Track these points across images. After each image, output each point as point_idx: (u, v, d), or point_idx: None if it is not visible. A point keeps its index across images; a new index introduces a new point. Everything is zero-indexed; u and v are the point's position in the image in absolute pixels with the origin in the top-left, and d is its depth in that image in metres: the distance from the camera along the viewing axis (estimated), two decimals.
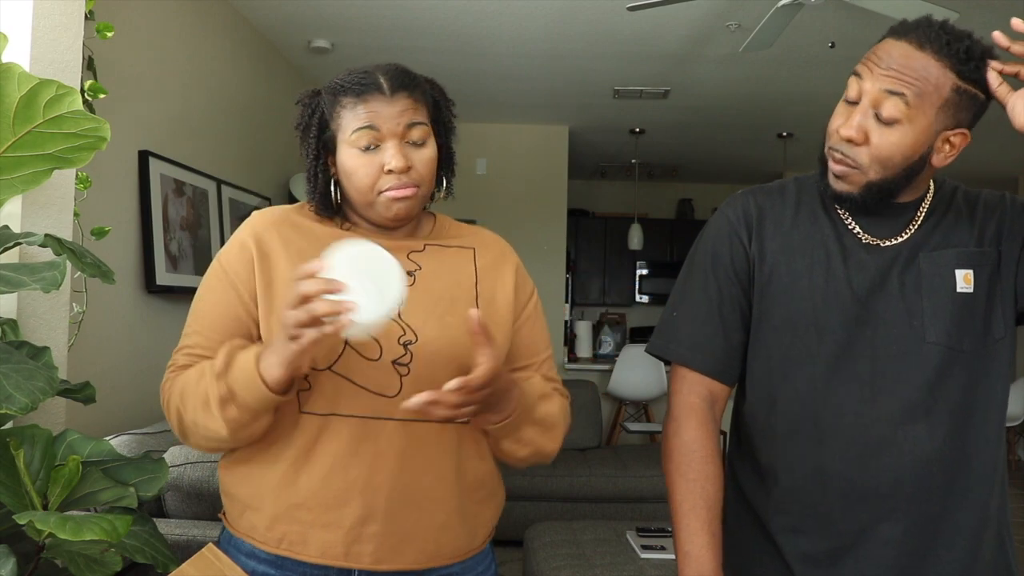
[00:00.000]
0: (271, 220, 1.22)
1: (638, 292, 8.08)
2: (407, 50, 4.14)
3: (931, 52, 1.13)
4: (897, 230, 1.23)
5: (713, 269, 1.27)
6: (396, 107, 1.14)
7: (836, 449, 1.20)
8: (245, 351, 1.09)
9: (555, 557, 2.78)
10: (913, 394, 1.18)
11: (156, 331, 2.93)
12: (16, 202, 1.38)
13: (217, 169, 3.44)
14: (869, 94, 1.14)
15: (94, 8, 1.84)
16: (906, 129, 1.13)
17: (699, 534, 1.19)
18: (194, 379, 1.12)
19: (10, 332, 1.31)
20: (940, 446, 1.18)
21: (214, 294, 1.18)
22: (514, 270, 1.29)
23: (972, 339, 1.19)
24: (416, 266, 1.21)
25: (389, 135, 1.14)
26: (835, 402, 1.20)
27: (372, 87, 1.14)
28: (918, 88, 1.12)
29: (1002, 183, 7.33)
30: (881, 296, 1.20)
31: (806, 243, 1.24)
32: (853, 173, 1.17)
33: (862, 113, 1.14)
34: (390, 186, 1.15)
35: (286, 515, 1.14)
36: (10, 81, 1.12)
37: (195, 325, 1.19)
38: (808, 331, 1.21)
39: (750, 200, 1.29)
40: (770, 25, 3.18)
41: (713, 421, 1.26)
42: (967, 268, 1.21)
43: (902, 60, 1.13)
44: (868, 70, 1.15)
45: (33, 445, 1.20)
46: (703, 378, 1.26)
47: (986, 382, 1.21)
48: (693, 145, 6.59)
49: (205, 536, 1.97)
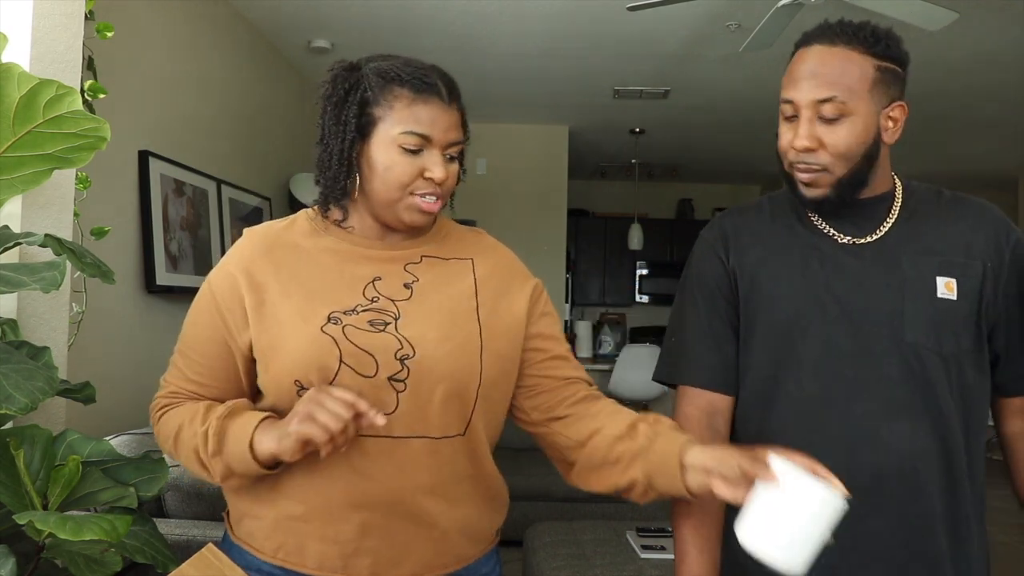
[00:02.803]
0: (262, 246, 1.19)
1: (638, 292, 8.08)
2: (407, 50, 4.11)
3: (843, 45, 1.18)
4: (871, 227, 1.26)
5: (699, 290, 1.33)
6: (450, 119, 1.14)
7: (823, 447, 1.20)
8: (243, 421, 1.08)
9: (555, 557, 2.78)
10: (896, 392, 1.21)
11: (156, 331, 2.93)
12: (16, 202, 1.38)
13: (217, 169, 3.44)
14: (805, 109, 1.19)
15: (94, 8, 1.84)
16: (852, 120, 1.18)
17: (694, 538, 1.25)
18: (187, 434, 1.12)
19: (10, 332, 1.31)
20: (923, 444, 1.20)
21: (200, 324, 1.18)
22: (520, 277, 1.26)
23: (952, 343, 1.21)
24: (413, 278, 1.19)
25: (437, 144, 1.13)
26: (821, 402, 1.23)
27: (433, 90, 1.13)
28: (844, 83, 1.17)
29: (1002, 183, 7.32)
30: (861, 296, 1.23)
31: (784, 251, 1.28)
32: (821, 176, 1.20)
33: (807, 122, 1.19)
34: (423, 193, 1.13)
35: (284, 526, 1.13)
36: (10, 81, 1.12)
37: (183, 352, 1.19)
38: (792, 334, 1.24)
39: (726, 221, 1.36)
40: (770, 25, 3.18)
41: (711, 431, 1.28)
42: (949, 276, 1.23)
43: (819, 65, 1.18)
44: (795, 90, 1.20)
45: (33, 445, 1.20)
46: (702, 392, 1.30)
47: (969, 386, 1.23)
48: (693, 145, 6.60)
49: (205, 536, 1.97)
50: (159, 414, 1.19)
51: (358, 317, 1.12)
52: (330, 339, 1.10)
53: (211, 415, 1.11)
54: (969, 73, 4.35)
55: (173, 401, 1.18)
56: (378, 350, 1.11)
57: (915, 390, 1.20)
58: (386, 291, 1.16)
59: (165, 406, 1.18)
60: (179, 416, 1.15)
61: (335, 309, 1.12)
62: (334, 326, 1.11)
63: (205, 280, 1.20)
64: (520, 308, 1.23)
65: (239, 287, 1.15)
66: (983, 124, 5.39)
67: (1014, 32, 3.70)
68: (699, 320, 1.32)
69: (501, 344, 1.19)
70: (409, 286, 1.17)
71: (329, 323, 1.11)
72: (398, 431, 1.10)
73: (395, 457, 1.11)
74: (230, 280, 1.16)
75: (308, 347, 1.10)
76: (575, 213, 7.69)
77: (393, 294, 1.16)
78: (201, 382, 1.17)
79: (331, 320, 1.11)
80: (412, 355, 1.12)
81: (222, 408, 1.11)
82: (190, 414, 1.13)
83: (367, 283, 1.16)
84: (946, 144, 6.00)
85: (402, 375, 1.11)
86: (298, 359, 1.10)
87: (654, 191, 8.37)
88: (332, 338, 1.10)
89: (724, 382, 1.30)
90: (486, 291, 1.21)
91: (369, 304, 1.14)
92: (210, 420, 1.10)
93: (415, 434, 1.11)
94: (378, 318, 1.13)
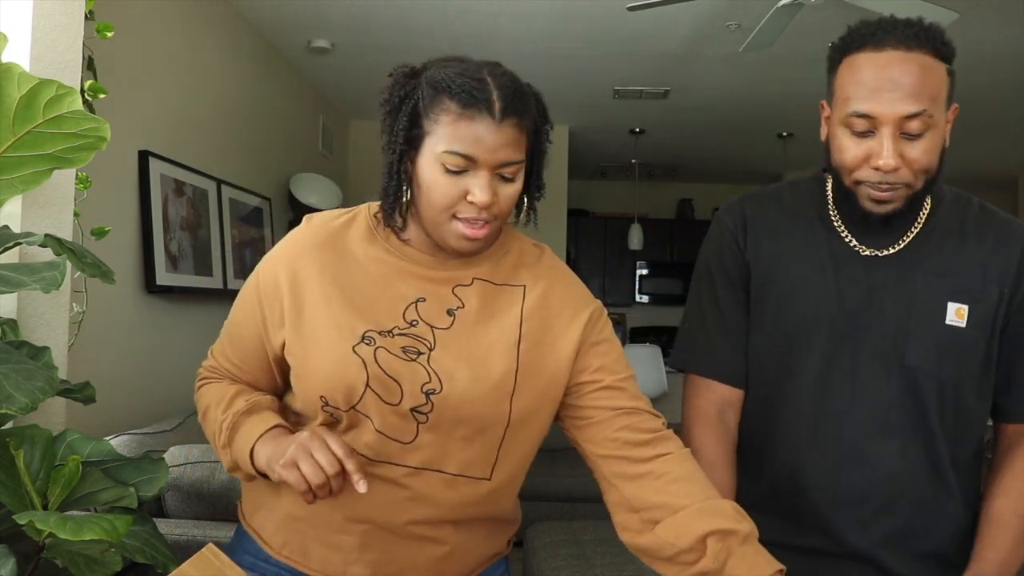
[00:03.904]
0: (315, 241, 1.13)
1: (638, 292, 8.07)
2: (407, 50, 4.14)
3: (919, 50, 1.09)
4: (892, 238, 1.21)
5: (714, 276, 1.29)
6: (500, 138, 1.02)
7: (812, 459, 1.22)
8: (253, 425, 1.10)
9: (555, 557, 2.78)
10: (890, 412, 1.19)
11: (156, 331, 2.93)
12: (16, 202, 1.38)
13: (217, 169, 3.44)
14: (888, 125, 1.10)
15: (94, 8, 1.84)
16: (934, 132, 1.11)
17: None
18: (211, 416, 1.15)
19: (10, 332, 1.31)
20: (912, 464, 1.19)
21: (245, 307, 1.17)
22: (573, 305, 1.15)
23: (954, 370, 1.18)
24: (459, 303, 1.11)
25: (483, 165, 1.03)
26: (815, 415, 1.22)
27: (482, 104, 1.01)
28: (929, 95, 1.09)
29: (1002, 183, 7.32)
30: (870, 312, 1.20)
31: (800, 253, 1.24)
32: (900, 192, 1.14)
33: (891, 139, 1.10)
34: (466, 217, 1.04)
35: (289, 525, 1.14)
36: (10, 81, 1.12)
37: (225, 336, 1.21)
38: (797, 342, 1.23)
39: (745, 206, 1.30)
40: (770, 25, 3.18)
41: (723, 426, 1.26)
42: (962, 303, 1.18)
43: (903, 75, 1.08)
44: (875, 102, 1.09)
45: (33, 445, 1.20)
46: (712, 383, 1.28)
47: (965, 411, 1.20)
48: (693, 145, 6.59)
49: (205, 536, 1.97)
50: (199, 383, 1.23)
51: (393, 341, 1.07)
52: (359, 361, 1.06)
53: (232, 407, 1.12)
54: (969, 73, 4.35)
55: (212, 376, 1.21)
56: (405, 379, 1.06)
57: (909, 411, 1.19)
58: (427, 316, 1.10)
59: (205, 378, 1.22)
60: (210, 395, 1.18)
61: (371, 328, 1.07)
62: (367, 347, 1.06)
63: (259, 263, 1.18)
64: (568, 343, 1.13)
65: (281, 285, 1.11)
66: (983, 124, 5.39)
67: (1014, 32, 3.70)
68: (713, 308, 1.28)
69: (540, 382, 1.11)
70: (452, 312, 1.10)
71: (362, 343, 1.06)
72: (413, 462, 1.08)
73: (406, 486, 1.08)
74: (274, 276, 1.13)
75: (336, 366, 1.06)
76: (575, 213, 7.69)
77: (433, 320, 1.10)
78: (238, 365, 1.19)
79: (365, 340, 1.07)
80: (438, 390, 1.06)
81: (243, 403, 1.12)
82: (218, 397, 1.16)
83: (409, 304, 1.10)
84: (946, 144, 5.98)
85: (425, 408, 1.07)
86: (325, 377, 1.07)
87: (654, 191, 8.37)
88: (362, 360, 1.06)
89: (736, 375, 1.28)
90: (532, 322, 1.12)
91: (407, 328, 1.09)
92: (228, 412, 1.11)
93: (431, 467, 1.08)
94: (412, 345, 1.08)
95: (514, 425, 1.10)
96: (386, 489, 1.08)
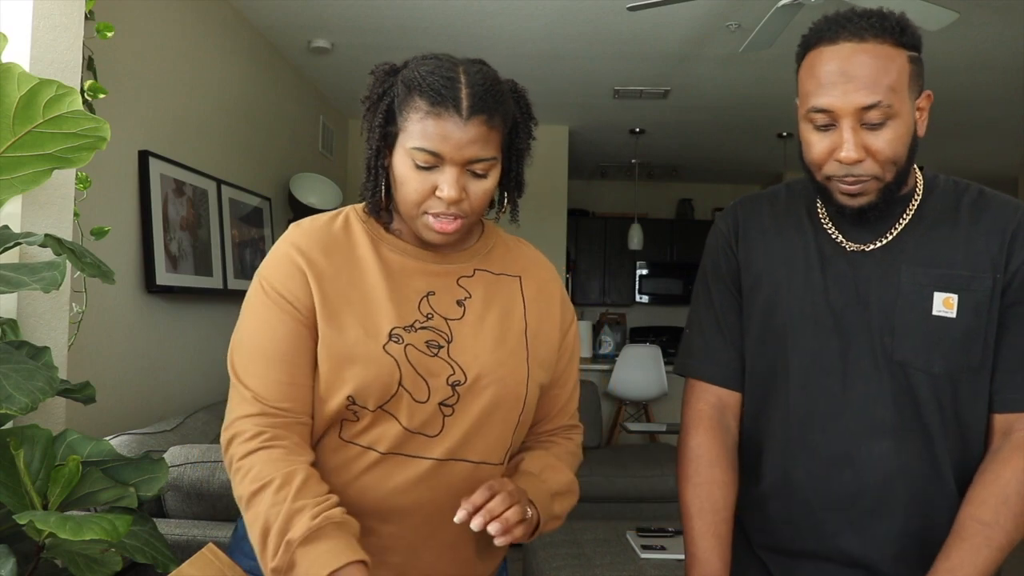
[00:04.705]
0: (318, 242, 1.12)
1: (638, 292, 8.07)
2: (407, 50, 4.11)
3: (874, 39, 1.07)
4: (880, 231, 1.19)
5: (712, 281, 1.31)
6: (467, 134, 1.04)
7: (802, 461, 1.21)
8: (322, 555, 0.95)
9: (555, 557, 2.78)
10: (880, 411, 1.16)
11: (156, 331, 2.93)
12: (16, 202, 1.38)
13: (217, 169, 3.44)
14: (847, 117, 1.09)
15: (94, 8, 1.84)
16: (896, 122, 1.09)
17: (705, 537, 1.21)
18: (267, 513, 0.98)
19: (10, 332, 1.31)
20: (907, 463, 1.16)
21: (269, 321, 1.07)
22: (560, 300, 1.25)
23: (946, 363, 1.14)
24: (466, 294, 1.15)
25: (450, 161, 1.05)
26: (805, 415, 1.20)
27: (449, 102, 1.03)
28: (886, 84, 1.07)
29: (1002, 183, 7.32)
30: (856, 309, 1.18)
31: (788, 254, 1.24)
32: (870, 184, 1.12)
33: (851, 131, 1.09)
34: (436, 212, 1.07)
35: None
36: (10, 81, 1.12)
37: (256, 363, 1.06)
38: (785, 343, 1.22)
39: (739, 210, 1.31)
40: (770, 25, 3.18)
41: (722, 427, 1.27)
42: (949, 292, 1.14)
43: (855, 66, 1.07)
44: (829, 96, 1.09)
45: (33, 445, 1.20)
46: (710, 386, 1.29)
47: (965, 406, 1.16)
48: (693, 145, 6.59)
49: (205, 536, 1.97)
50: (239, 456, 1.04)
51: (416, 335, 1.09)
52: (392, 361, 1.07)
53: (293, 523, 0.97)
54: (969, 72, 4.35)
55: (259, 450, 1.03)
56: (432, 375, 1.09)
57: (902, 409, 1.16)
58: (440, 308, 1.13)
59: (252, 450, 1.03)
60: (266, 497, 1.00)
61: (396, 324, 1.09)
62: (396, 345, 1.08)
63: (252, 284, 1.12)
64: (554, 339, 1.22)
65: (303, 271, 1.08)
66: (983, 124, 5.39)
67: (1014, 32, 3.70)
68: (712, 313, 1.29)
69: (541, 373, 1.18)
70: (462, 303, 1.14)
71: (391, 341, 1.08)
72: (439, 454, 1.09)
73: (432, 479, 1.10)
74: (290, 265, 1.09)
75: (369, 368, 1.06)
76: (575, 213, 7.68)
77: (446, 312, 1.13)
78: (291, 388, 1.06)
79: (392, 338, 1.08)
80: (463, 381, 1.10)
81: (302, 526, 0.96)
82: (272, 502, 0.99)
83: (422, 297, 1.13)
84: (945, 144, 6.00)
85: (451, 400, 1.09)
86: (359, 377, 1.06)
87: (654, 191, 8.37)
88: (394, 360, 1.07)
89: (733, 378, 1.28)
90: (533, 313, 1.20)
91: (425, 321, 1.11)
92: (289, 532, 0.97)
93: (456, 457, 1.10)
94: (433, 339, 1.10)
95: (527, 410, 1.15)
96: (411, 481, 1.09)
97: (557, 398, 1.25)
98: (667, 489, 4.06)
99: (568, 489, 1.19)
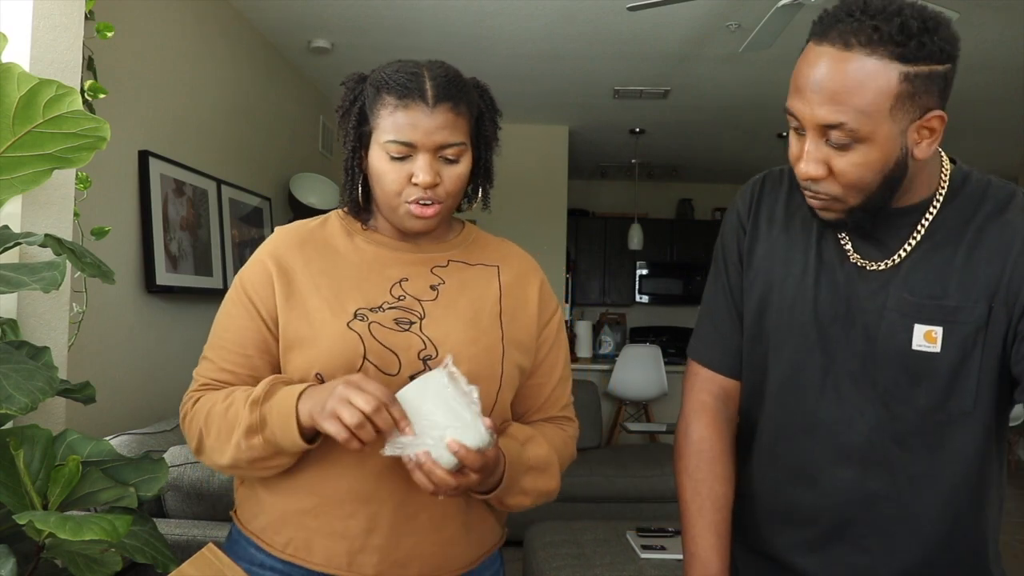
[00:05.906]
0: (294, 239, 1.21)
1: (638, 292, 8.08)
2: (407, 50, 4.14)
3: (860, 49, 0.93)
4: (893, 250, 1.08)
5: (724, 263, 1.24)
6: (435, 121, 1.11)
7: (768, 471, 1.18)
8: (289, 387, 1.08)
9: (555, 557, 2.78)
10: (852, 437, 1.09)
11: (156, 331, 2.93)
12: (16, 202, 1.38)
13: (217, 169, 3.44)
14: (809, 128, 0.98)
15: (94, 8, 1.84)
16: (867, 146, 0.96)
17: (705, 535, 1.17)
18: (221, 406, 1.11)
19: (10, 332, 1.31)
20: (873, 492, 1.09)
21: (233, 315, 1.18)
22: (538, 288, 1.27)
23: (937, 402, 1.04)
24: (439, 280, 1.20)
25: (422, 148, 1.12)
26: (776, 426, 1.16)
27: (415, 93, 1.11)
28: (855, 106, 0.93)
29: None
30: (841, 326, 1.09)
31: (787, 253, 1.16)
32: (832, 204, 1.02)
33: (814, 144, 0.98)
34: (414, 199, 1.13)
35: (293, 520, 1.14)
36: (10, 81, 1.12)
37: (215, 345, 1.19)
38: (768, 348, 1.16)
39: (759, 189, 1.21)
40: (770, 25, 3.18)
41: (725, 420, 1.22)
42: (932, 325, 1.02)
43: (827, 78, 0.94)
44: (798, 101, 0.98)
45: (33, 445, 1.20)
46: (714, 375, 1.23)
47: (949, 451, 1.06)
48: (693, 145, 6.59)
49: (205, 536, 1.97)
50: (190, 403, 1.17)
51: (384, 315, 1.14)
52: (356, 336, 1.12)
53: (250, 397, 1.08)
54: (969, 73, 4.35)
55: (205, 393, 1.18)
56: (401, 349, 1.13)
57: (875, 440, 1.08)
58: (413, 291, 1.18)
59: (197, 399, 1.17)
60: (211, 401, 1.14)
61: (362, 305, 1.15)
62: (360, 322, 1.13)
63: (234, 279, 1.22)
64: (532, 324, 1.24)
65: (270, 274, 1.17)
66: (983, 124, 5.38)
67: (1014, 32, 3.70)
68: (723, 295, 1.23)
69: (518, 354, 1.21)
70: (435, 288, 1.19)
71: (356, 319, 1.13)
72: None
73: None
74: (260, 268, 1.18)
75: (334, 342, 1.11)
76: (575, 213, 7.69)
77: (419, 294, 1.18)
78: (235, 372, 1.17)
79: (357, 316, 1.13)
80: (434, 355, 1.13)
81: (260, 389, 1.09)
82: (224, 398, 1.12)
83: (394, 283, 1.18)
84: (945, 144, 5.96)
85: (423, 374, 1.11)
86: (323, 353, 1.12)
87: (654, 191, 8.37)
88: (358, 335, 1.12)
89: (736, 366, 1.22)
90: (509, 299, 1.23)
91: (395, 302, 1.16)
92: (248, 402, 1.08)
93: None
94: (403, 316, 1.15)
95: (505, 388, 1.18)
96: (388, 463, 1.10)
97: (542, 388, 1.27)
98: (667, 489, 4.06)
99: (543, 466, 1.18)
